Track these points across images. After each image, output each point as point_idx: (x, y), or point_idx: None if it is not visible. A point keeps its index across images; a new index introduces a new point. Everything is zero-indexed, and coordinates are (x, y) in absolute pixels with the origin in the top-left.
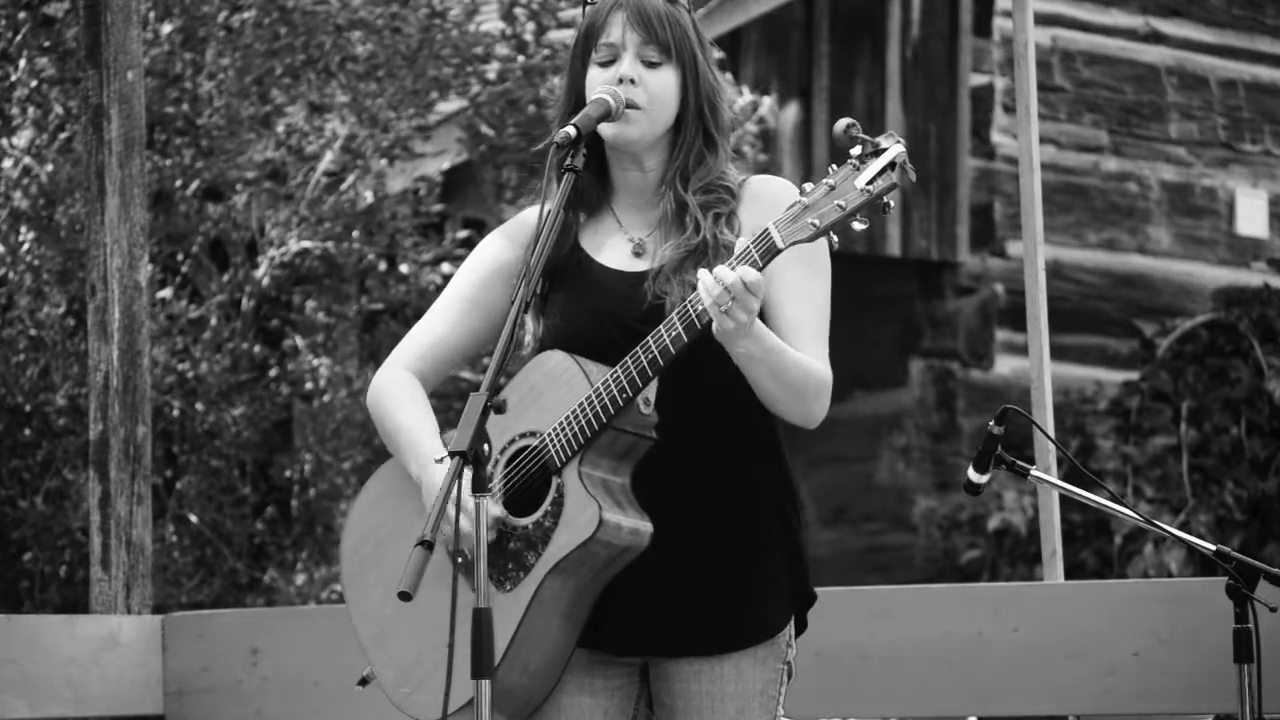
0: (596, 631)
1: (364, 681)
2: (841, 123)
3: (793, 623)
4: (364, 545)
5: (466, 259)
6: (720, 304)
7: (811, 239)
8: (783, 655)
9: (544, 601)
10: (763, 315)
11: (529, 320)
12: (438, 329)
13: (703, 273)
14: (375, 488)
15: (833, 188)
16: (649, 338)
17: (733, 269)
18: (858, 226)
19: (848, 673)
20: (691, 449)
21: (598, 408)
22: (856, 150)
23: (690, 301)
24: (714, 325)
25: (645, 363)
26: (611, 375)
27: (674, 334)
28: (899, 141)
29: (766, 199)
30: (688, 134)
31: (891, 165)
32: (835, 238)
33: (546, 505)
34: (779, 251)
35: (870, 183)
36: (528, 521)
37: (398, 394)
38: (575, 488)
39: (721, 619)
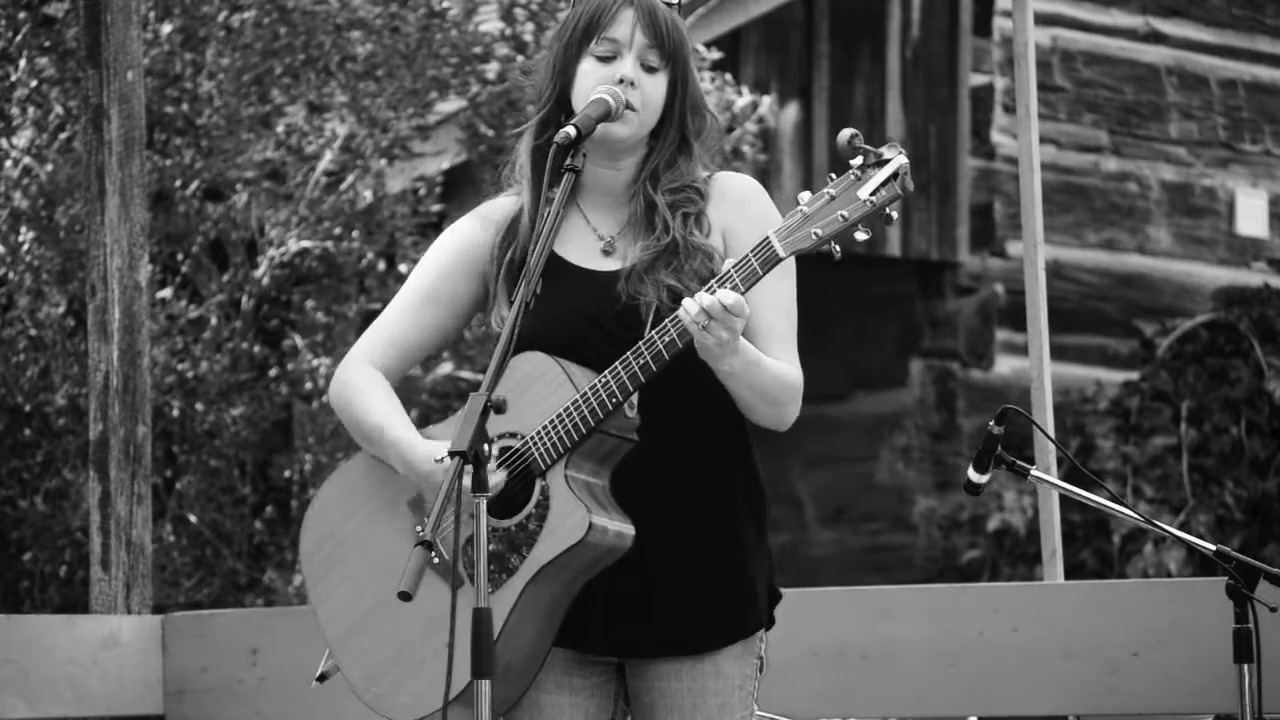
0: (575, 633)
1: (323, 677)
2: (845, 133)
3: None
4: (326, 543)
5: (429, 248)
6: (699, 322)
7: (814, 249)
8: (757, 650)
9: (528, 604)
10: None
11: (502, 309)
12: (399, 324)
13: (686, 300)
14: (335, 487)
15: (834, 198)
16: (641, 344)
17: (712, 291)
18: (859, 237)
19: (848, 673)
20: (667, 450)
21: (585, 412)
22: (858, 160)
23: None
24: (696, 345)
25: (637, 368)
26: (600, 380)
27: (667, 340)
28: (901, 152)
29: (733, 198)
30: (667, 137)
31: (894, 176)
32: (838, 247)
33: (530, 508)
34: (779, 261)
35: (874, 194)
36: (510, 523)
37: (367, 391)
38: (561, 491)
39: (702, 619)
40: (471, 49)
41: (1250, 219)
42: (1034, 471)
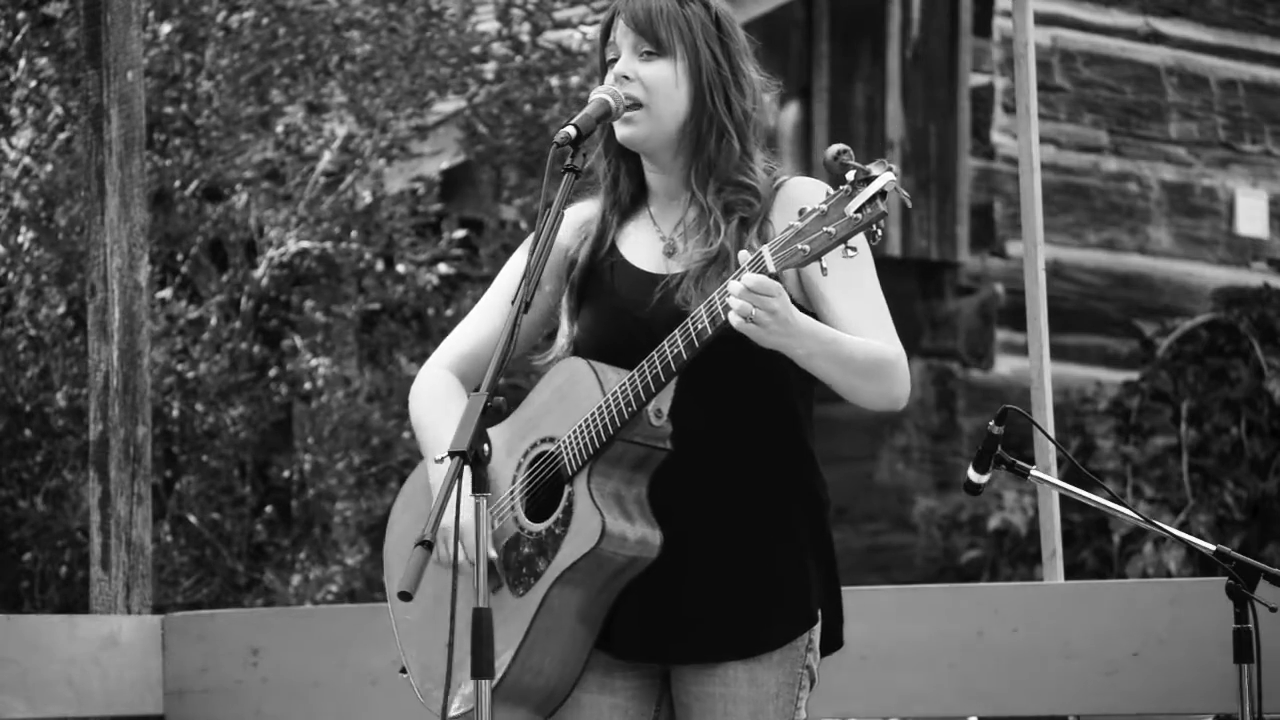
0: (611, 637)
1: (405, 670)
2: (832, 149)
3: (818, 629)
4: (400, 544)
5: (508, 262)
6: (743, 314)
7: (803, 264)
8: (801, 660)
9: (552, 609)
10: (819, 318)
11: (564, 322)
12: (482, 329)
13: (717, 296)
14: (410, 486)
15: (824, 214)
16: (654, 351)
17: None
18: (847, 254)
19: (848, 673)
20: (707, 455)
21: (606, 420)
22: (850, 175)
23: (694, 317)
24: (753, 336)
25: (650, 377)
26: (620, 387)
27: (676, 350)
28: (890, 169)
29: (796, 206)
30: (700, 129)
31: (882, 194)
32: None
33: (557, 513)
34: (772, 276)
35: (859, 210)
36: (540, 528)
37: (432, 395)
38: (584, 498)
39: (736, 625)
40: (469, 49)
41: (1250, 219)
42: (1034, 471)
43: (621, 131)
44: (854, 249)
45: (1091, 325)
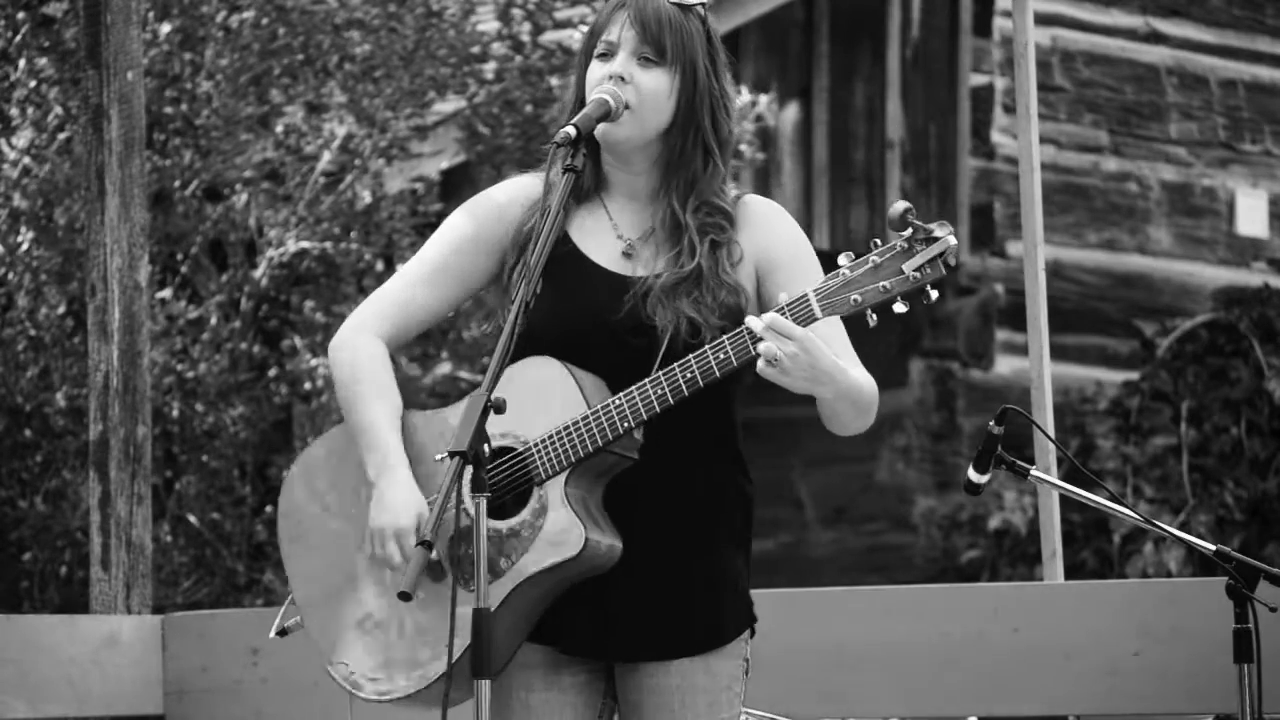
0: (565, 635)
1: (284, 632)
2: (899, 206)
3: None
4: (308, 506)
5: (451, 217)
6: (768, 355)
7: (849, 314)
8: (743, 651)
9: (513, 608)
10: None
11: (508, 298)
12: (408, 292)
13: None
14: (324, 449)
15: (878, 266)
16: (661, 376)
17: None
18: (897, 309)
19: (848, 673)
20: (654, 457)
21: (594, 431)
22: (908, 233)
23: (715, 346)
24: (784, 382)
25: (654, 397)
26: (614, 402)
27: (690, 376)
28: (951, 232)
29: (761, 220)
30: (684, 143)
31: (940, 255)
32: (875, 315)
33: (526, 515)
34: (814, 320)
35: (919, 270)
36: (503, 526)
37: (369, 372)
38: (558, 504)
39: (693, 622)
40: (469, 49)
41: (1250, 219)
42: (1034, 471)
43: (604, 130)
44: (907, 304)
45: (1091, 325)
